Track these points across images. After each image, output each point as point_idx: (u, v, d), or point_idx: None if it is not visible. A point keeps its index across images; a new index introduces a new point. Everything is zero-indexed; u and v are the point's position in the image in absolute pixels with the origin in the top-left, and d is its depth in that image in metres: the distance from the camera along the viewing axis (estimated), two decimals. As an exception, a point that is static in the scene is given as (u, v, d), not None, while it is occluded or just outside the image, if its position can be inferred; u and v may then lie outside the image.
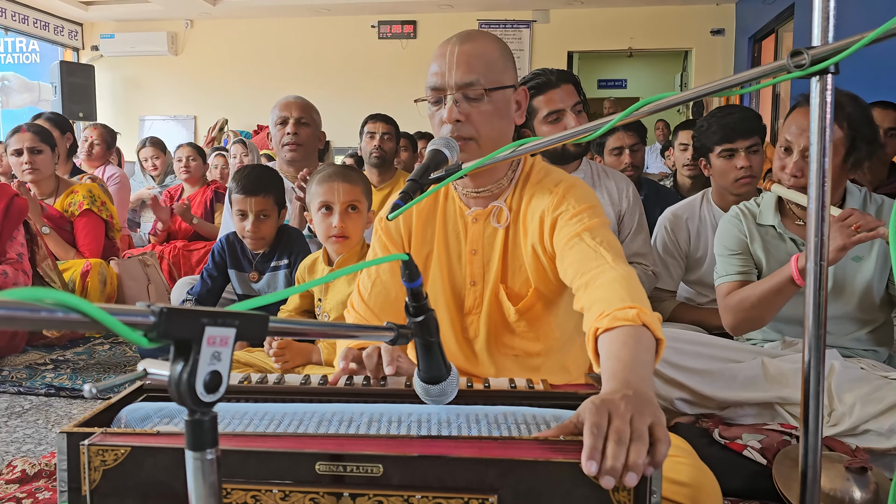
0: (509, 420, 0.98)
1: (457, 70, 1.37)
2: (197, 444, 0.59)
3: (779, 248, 1.90)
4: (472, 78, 1.37)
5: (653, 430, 0.83)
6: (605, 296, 1.13)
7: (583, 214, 1.35)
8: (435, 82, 1.40)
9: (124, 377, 0.60)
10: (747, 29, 7.92)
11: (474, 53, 1.39)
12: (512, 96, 1.44)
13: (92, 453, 0.85)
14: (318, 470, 0.83)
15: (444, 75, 1.39)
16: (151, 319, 0.54)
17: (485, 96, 1.37)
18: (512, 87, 1.43)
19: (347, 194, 1.95)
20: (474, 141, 1.38)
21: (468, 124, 1.37)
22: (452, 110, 1.37)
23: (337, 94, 9.49)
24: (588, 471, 0.79)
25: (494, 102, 1.39)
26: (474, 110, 1.38)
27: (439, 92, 1.40)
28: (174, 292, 2.69)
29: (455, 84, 1.37)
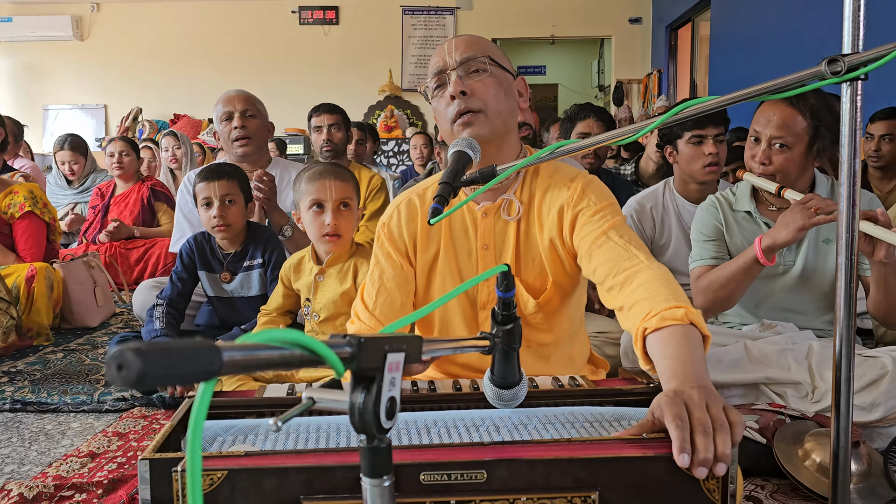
0: (579, 420, 1.01)
1: (456, 50, 1.39)
2: (375, 472, 0.59)
3: (754, 232, 2.00)
4: (471, 53, 1.39)
5: (727, 413, 0.88)
6: (648, 295, 1.17)
7: (605, 211, 1.38)
8: (437, 67, 1.41)
9: (298, 407, 0.59)
10: (664, 18, 8.21)
11: (472, 39, 1.44)
12: (514, 82, 1.46)
13: (186, 479, 0.82)
14: (423, 480, 0.83)
15: (444, 59, 1.40)
16: (348, 350, 0.54)
17: (488, 66, 1.39)
18: (513, 74, 1.45)
19: (340, 191, 1.92)
20: (482, 113, 1.37)
21: (474, 97, 1.37)
22: (458, 83, 1.37)
23: (257, 81, 9.19)
24: (682, 464, 0.83)
25: (497, 77, 1.40)
26: (478, 83, 1.38)
27: (442, 75, 1.40)
28: (137, 296, 2.58)
29: (457, 61, 1.38)
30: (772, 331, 1.95)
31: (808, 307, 2.00)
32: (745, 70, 6.06)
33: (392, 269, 1.52)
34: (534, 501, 0.84)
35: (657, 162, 3.48)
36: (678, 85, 7.97)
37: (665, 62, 8.16)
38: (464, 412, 1.03)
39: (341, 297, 1.97)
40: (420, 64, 9.16)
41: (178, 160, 4.93)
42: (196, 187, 2.29)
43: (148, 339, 2.19)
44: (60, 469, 1.64)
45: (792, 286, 1.99)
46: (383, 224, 1.56)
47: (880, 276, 1.77)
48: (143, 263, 4.02)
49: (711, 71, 6.96)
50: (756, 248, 1.81)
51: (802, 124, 1.85)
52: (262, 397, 1.11)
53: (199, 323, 2.46)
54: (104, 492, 1.51)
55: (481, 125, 1.37)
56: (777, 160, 1.88)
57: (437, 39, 9.10)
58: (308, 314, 2.04)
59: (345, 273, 1.98)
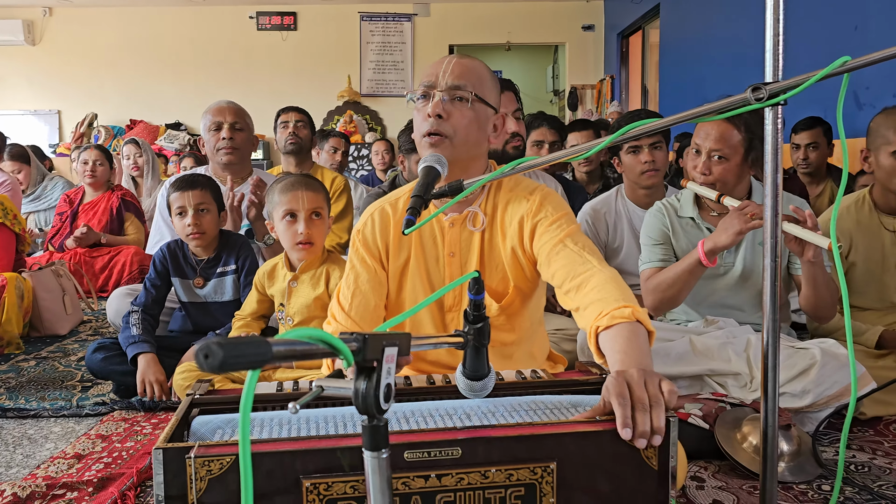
0: (540, 407, 1.14)
1: (450, 74, 1.50)
2: (374, 445, 0.71)
3: (698, 236, 2.17)
4: (462, 82, 1.50)
5: (661, 385, 1.02)
6: (600, 297, 1.31)
7: (561, 221, 1.52)
8: (428, 80, 1.52)
9: (311, 394, 0.70)
10: (616, 25, 8.46)
11: (469, 66, 1.54)
12: (492, 117, 1.58)
13: (198, 464, 0.93)
14: (407, 458, 0.96)
15: (437, 76, 1.51)
16: (355, 345, 0.66)
17: (470, 100, 1.51)
18: (494, 109, 1.58)
19: (311, 202, 2.03)
20: (449, 140, 1.49)
21: (448, 123, 1.49)
22: (438, 105, 1.49)
23: (215, 87, 9.22)
24: (625, 437, 0.97)
25: (476, 111, 1.53)
26: (457, 111, 1.50)
27: (430, 89, 1.52)
28: (111, 303, 2.65)
29: (446, 85, 1.50)
30: (714, 326, 2.12)
31: (746, 304, 2.18)
32: (692, 76, 6.32)
33: (366, 272, 1.64)
34: (501, 472, 0.97)
35: (586, 171, 3.81)
36: (630, 90, 8.23)
37: (617, 68, 8.41)
38: (438, 402, 1.15)
39: (314, 302, 2.07)
40: (378, 69, 9.26)
41: (140, 168, 4.95)
42: (170, 197, 2.38)
43: (125, 345, 2.27)
44: (49, 470, 1.72)
45: (732, 285, 2.17)
46: (358, 231, 1.67)
47: (809, 274, 1.95)
48: (108, 271, 4.05)
49: (661, 77, 7.22)
50: (699, 251, 1.97)
51: (738, 137, 2.03)
52: (263, 394, 1.21)
53: (173, 328, 2.54)
54: (94, 490, 1.60)
55: (445, 149, 1.48)
56: (716, 170, 2.05)
57: (395, 45, 9.22)
58: (282, 318, 2.14)
59: (317, 279, 2.09)
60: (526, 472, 0.98)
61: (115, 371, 2.27)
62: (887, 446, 1.81)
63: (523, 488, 0.98)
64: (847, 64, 1.14)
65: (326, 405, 1.15)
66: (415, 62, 9.24)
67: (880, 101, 3.65)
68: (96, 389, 2.35)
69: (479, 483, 0.97)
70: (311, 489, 0.95)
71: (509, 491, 0.98)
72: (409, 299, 1.67)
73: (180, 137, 9.06)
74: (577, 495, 0.99)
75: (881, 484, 1.59)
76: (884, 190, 2.29)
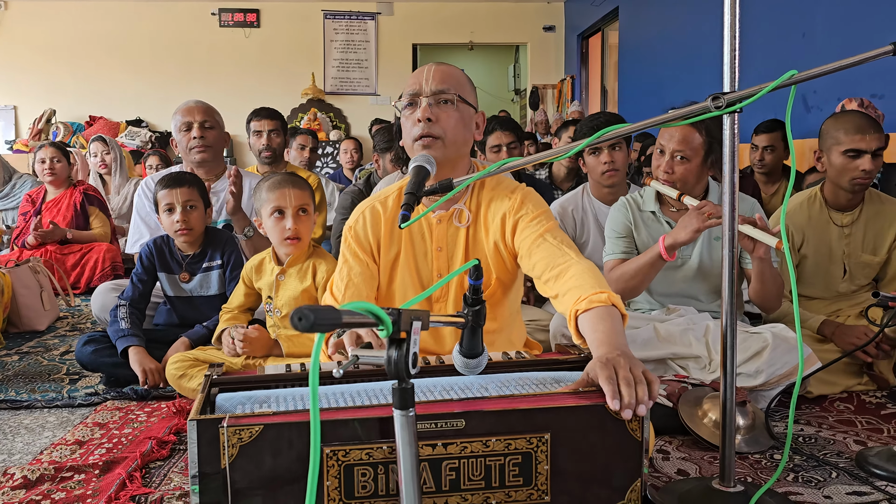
0: (529, 382, 1.28)
1: (433, 80, 1.64)
2: (403, 405, 0.83)
3: (658, 230, 2.33)
4: (445, 87, 1.64)
5: (644, 374, 1.16)
6: (578, 284, 1.45)
7: (541, 218, 1.66)
8: (413, 90, 1.65)
9: (349, 362, 0.82)
10: (576, 27, 8.68)
11: (448, 71, 1.67)
12: (474, 116, 1.71)
13: (230, 433, 1.04)
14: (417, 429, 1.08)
15: (421, 84, 1.64)
16: (392, 318, 0.78)
17: (455, 102, 1.64)
18: (475, 108, 1.71)
19: (298, 199, 2.13)
20: (441, 140, 1.63)
21: (437, 125, 1.62)
22: (426, 110, 1.62)
23: (177, 83, 9.18)
24: (613, 407, 1.10)
25: (461, 112, 1.66)
26: (444, 114, 1.63)
27: (415, 97, 1.65)
28: (96, 298, 2.70)
29: (431, 91, 1.63)
30: (675, 314, 2.28)
31: (703, 294, 2.35)
32: (650, 77, 6.54)
33: (359, 266, 1.75)
34: (501, 441, 1.10)
35: (567, 167, 3.88)
36: (590, 90, 8.45)
37: (577, 68, 8.63)
38: (436, 379, 1.28)
39: (302, 294, 2.18)
40: (342, 68, 9.32)
41: (108, 165, 4.95)
42: (158, 194, 2.45)
43: (115, 338, 2.34)
44: (53, 455, 1.79)
45: (690, 277, 2.33)
46: (350, 227, 1.79)
47: (759, 269, 2.12)
48: (80, 268, 4.07)
49: (620, 77, 7.44)
50: (660, 246, 2.13)
51: (699, 140, 2.19)
52: (267, 374, 1.32)
53: (158, 322, 2.61)
54: (101, 472, 1.68)
55: (438, 150, 1.62)
56: (678, 170, 2.21)
57: (358, 44, 9.29)
58: (270, 311, 2.24)
59: (304, 272, 2.19)
60: (523, 441, 1.11)
61: (104, 363, 2.34)
62: (831, 420, 2.00)
63: (520, 456, 1.11)
64: (794, 77, 1.30)
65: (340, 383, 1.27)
66: (379, 61, 9.32)
67: (827, 104, 3.89)
68: (84, 382, 2.41)
69: (481, 451, 1.10)
70: (330, 455, 1.06)
71: (508, 458, 1.11)
72: (399, 291, 1.79)
73: (141, 134, 8.99)
74: (568, 462, 1.13)
75: (825, 453, 1.77)
76: (834, 187, 2.47)
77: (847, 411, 2.09)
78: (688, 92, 5.69)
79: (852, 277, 2.52)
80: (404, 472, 0.83)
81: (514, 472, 1.11)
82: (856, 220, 2.49)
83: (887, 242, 2.48)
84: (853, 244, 2.48)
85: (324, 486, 1.07)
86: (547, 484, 1.12)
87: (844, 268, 2.50)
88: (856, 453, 1.75)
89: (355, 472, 1.07)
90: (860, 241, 2.48)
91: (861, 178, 2.38)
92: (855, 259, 2.50)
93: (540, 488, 1.12)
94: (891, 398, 2.19)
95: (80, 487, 1.61)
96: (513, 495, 1.11)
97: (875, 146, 2.34)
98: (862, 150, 2.34)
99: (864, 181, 2.39)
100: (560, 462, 1.12)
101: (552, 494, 1.12)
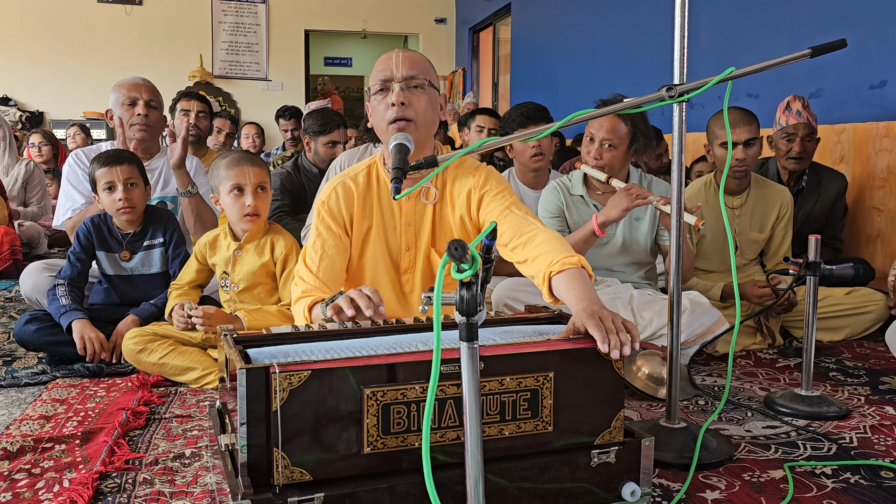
0: (519, 334, 1.45)
1: (403, 66, 1.76)
2: (470, 337, 0.98)
3: (586, 211, 2.58)
4: (414, 72, 1.77)
5: (624, 323, 1.36)
6: (548, 249, 1.64)
7: (505, 192, 1.84)
8: (383, 76, 1.77)
9: (424, 305, 0.96)
10: (467, 20, 8.94)
11: (415, 58, 1.81)
12: (438, 99, 1.86)
13: (281, 378, 1.14)
14: (443, 370, 1.22)
15: (391, 70, 1.77)
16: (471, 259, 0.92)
17: (425, 86, 1.78)
18: (438, 91, 1.86)
19: (257, 176, 2.19)
20: (413, 122, 1.76)
21: (410, 108, 1.75)
22: (399, 95, 1.74)
23: (50, 62, 8.68)
24: (604, 350, 1.30)
25: (430, 95, 1.80)
26: (415, 98, 1.77)
27: (387, 82, 1.77)
28: (26, 278, 2.62)
29: (402, 76, 1.76)
30: (603, 285, 2.54)
31: (625, 268, 2.62)
32: (542, 72, 6.89)
33: (332, 239, 1.86)
34: (514, 380, 1.27)
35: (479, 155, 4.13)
36: (482, 83, 8.74)
37: (469, 61, 8.89)
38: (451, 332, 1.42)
39: (260, 269, 2.24)
40: (231, 51, 9.11)
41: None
42: (96, 173, 2.41)
43: (58, 315, 2.30)
44: (22, 430, 1.78)
45: (614, 252, 2.59)
46: (323, 202, 1.89)
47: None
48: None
49: (513, 71, 7.77)
50: (593, 224, 2.37)
51: (625, 130, 2.45)
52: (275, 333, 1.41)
53: (94, 302, 2.57)
54: (81, 442, 1.70)
55: (412, 132, 1.74)
56: (606, 156, 2.46)
57: (249, 27, 9.11)
58: (225, 286, 2.28)
59: (262, 248, 2.26)
60: (531, 380, 1.28)
61: (48, 342, 2.30)
62: (738, 373, 2.32)
63: (529, 392, 1.28)
64: (732, 73, 1.54)
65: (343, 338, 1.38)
66: (269, 45, 9.19)
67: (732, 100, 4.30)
68: (20, 363, 2.35)
69: (497, 389, 1.26)
70: (370, 396, 1.19)
71: (519, 395, 1.27)
72: (370, 262, 1.91)
73: (10, 114, 8.39)
74: (566, 397, 1.31)
75: (739, 398, 2.07)
76: (721, 174, 2.82)
77: (748, 366, 2.42)
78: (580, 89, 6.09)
79: (742, 252, 2.88)
80: (468, 396, 0.98)
81: (523, 406, 1.28)
82: (744, 203, 2.85)
83: (770, 221, 2.85)
84: (742, 223, 2.84)
85: (364, 423, 1.19)
86: (550, 416, 1.30)
87: (736, 244, 2.86)
88: (763, 397, 2.05)
89: (392, 410, 1.20)
90: (748, 221, 2.85)
91: (737, 166, 2.74)
92: (744, 236, 2.86)
93: (545, 419, 1.29)
94: (780, 354, 2.56)
95: (66, 456, 1.63)
96: (522, 427, 1.28)
97: (745, 137, 2.70)
98: (734, 141, 2.69)
99: (741, 168, 2.75)
100: (561, 397, 1.30)
101: (554, 424, 1.30)
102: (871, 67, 3.35)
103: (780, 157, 3.10)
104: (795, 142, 3.02)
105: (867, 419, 1.90)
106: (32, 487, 1.48)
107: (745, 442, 1.74)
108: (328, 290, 1.82)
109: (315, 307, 1.72)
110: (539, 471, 1.29)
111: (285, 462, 1.16)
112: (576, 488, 1.33)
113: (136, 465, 1.58)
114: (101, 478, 1.51)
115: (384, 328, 1.47)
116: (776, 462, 1.62)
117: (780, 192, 2.87)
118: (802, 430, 1.82)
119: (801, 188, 3.12)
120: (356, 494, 1.18)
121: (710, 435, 1.70)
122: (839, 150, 3.48)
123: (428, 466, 0.88)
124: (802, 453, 1.68)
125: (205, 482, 1.51)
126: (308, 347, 1.33)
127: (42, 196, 4.95)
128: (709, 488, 1.50)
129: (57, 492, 1.46)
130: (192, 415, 1.91)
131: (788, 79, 3.72)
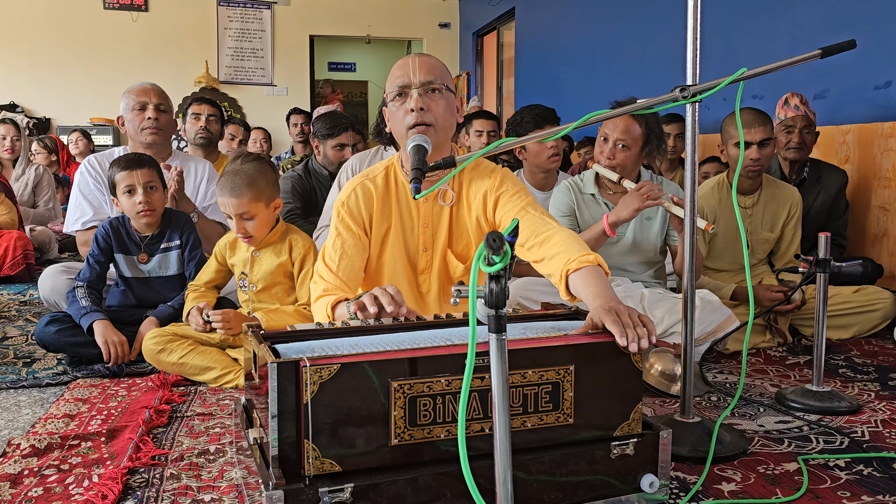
0: (538, 329, 1.48)
1: (420, 72, 1.79)
2: (498, 329, 1.01)
3: (597, 209, 2.61)
4: (432, 78, 1.80)
5: (641, 318, 1.40)
6: (565, 248, 1.67)
7: (521, 193, 1.87)
8: (401, 82, 1.80)
9: (454, 298, 0.99)
10: (471, 25, 8.98)
11: (432, 63, 1.84)
12: (454, 102, 1.89)
13: (312, 371, 1.18)
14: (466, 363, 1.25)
15: (409, 76, 1.79)
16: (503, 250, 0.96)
17: (443, 91, 1.81)
18: (454, 94, 1.89)
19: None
20: (433, 127, 1.79)
21: (429, 113, 1.79)
22: (418, 100, 1.77)
23: (56, 68, 8.73)
24: (622, 343, 1.33)
25: (447, 99, 1.83)
26: (433, 103, 1.80)
27: (405, 88, 1.80)
28: (45, 280, 2.66)
29: (420, 82, 1.79)
30: (613, 284, 2.56)
31: (635, 267, 2.65)
32: (547, 76, 6.93)
33: (352, 238, 1.89)
34: (535, 373, 1.30)
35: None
36: (486, 87, 8.78)
37: (473, 66, 8.94)
38: (461, 329, 1.45)
39: (277, 268, 2.28)
40: (237, 56, 9.16)
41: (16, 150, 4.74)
42: (115, 176, 2.45)
43: (78, 316, 2.34)
44: (48, 428, 1.81)
45: (625, 251, 2.63)
46: (342, 203, 1.92)
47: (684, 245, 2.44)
48: (-10, 256, 3.88)
49: (517, 75, 7.81)
50: (604, 223, 2.40)
51: (639, 131, 2.48)
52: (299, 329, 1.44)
53: (112, 304, 2.60)
54: (107, 439, 1.73)
55: (430, 136, 1.77)
56: (619, 157, 2.49)
57: (254, 33, 9.16)
58: (244, 286, 2.32)
59: (279, 248, 2.29)
60: (552, 373, 1.31)
61: (69, 343, 2.34)
62: (749, 370, 2.34)
63: (551, 385, 1.31)
64: (744, 74, 1.57)
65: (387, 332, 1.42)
66: (275, 51, 9.24)
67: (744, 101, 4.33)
68: (40, 364, 2.39)
69: (520, 382, 1.29)
70: (397, 389, 1.22)
71: (541, 387, 1.31)
72: (389, 262, 1.94)
73: (17, 120, 8.44)
74: (586, 390, 1.34)
75: (751, 394, 2.10)
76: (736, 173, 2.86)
77: (759, 363, 2.45)
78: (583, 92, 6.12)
79: (753, 252, 2.91)
80: (496, 386, 1.01)
81: (545, 399, 1.31)
82: (756, 203, 2.88)
83: (781, 221, 2.89)
84: (755, 223, 2.87)
85: (391, 415, 1.22)
86: (571, 408, 1.33)
87: (748, 244, 2.89)
88: (775, 392, 2.08)
89: (418, 402, 1.23)
90: (760, 220, 2.88)
91: (751, 166, 2.77)
92: (756, 236, 2.89)
93: (565, 412, 1.33)
94: (790, 351, 2.58)
95: (93, 453, 1.66)
96: (544, 419, 1.32)
97: (760, 137, 2.73)
98: (749, 141, 2.72)
99: (755, 168, 2.78)
100: (581, 389, 1.33)
101: (574, 417, 1.33)
102: (875, 68, 3.38)
103: (781, 149, 3.14)
104: (794, 133, 3.08)
105: (878, 414, 1.93)
106: (62, 482, 1.51)
107: (759, 436, 1.77)
108: (348, 288, 1.85)
109: (339, 306, 1.75)
110: (558, 463, 1.32)
111: (315, 454, 1.19)
112: (595, 480, 1.36)
113: (162, 461, 1.62)
114: (129, 473, 1.54)
115: (405, 325, 1.50)
116: (790, 455, 1.65)
117: (791, 192, 2.91)
118: (814, 425, 1.85)
119: (802, 179, 3.16)
120: (384, 485, 1.21)
121: (724, 429, 1.73)
122: (844, 151, 3.51)
123: (465, 458, 0.91)
124: (815, 447, 1.70)
125: (230, 477, 1.54)
126: (333, 343, 1.36)
127: (50, 198, 5.00)
128: (724, 480, 1.52)
129: (87, 486, 1.49)
130: (213, 413, 1.95)
131: (793, 80, 3.76)
